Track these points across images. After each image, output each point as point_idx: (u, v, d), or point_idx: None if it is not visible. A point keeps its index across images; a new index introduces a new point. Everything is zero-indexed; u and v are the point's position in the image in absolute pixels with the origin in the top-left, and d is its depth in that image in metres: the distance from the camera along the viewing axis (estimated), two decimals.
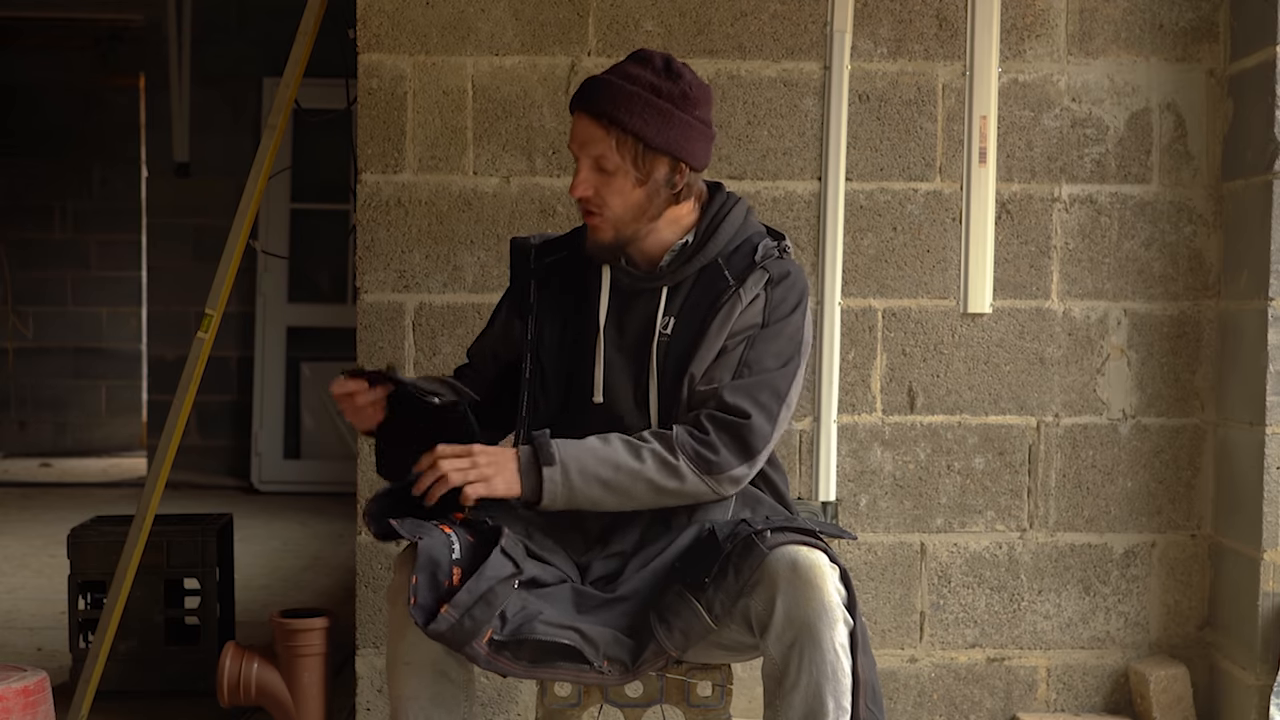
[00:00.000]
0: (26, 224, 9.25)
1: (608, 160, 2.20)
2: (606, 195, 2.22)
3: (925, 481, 3.23)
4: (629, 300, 2.29)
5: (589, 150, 2.21)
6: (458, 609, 2.00)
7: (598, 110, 2.19)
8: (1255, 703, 3.06)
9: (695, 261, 2.27)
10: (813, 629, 2.00)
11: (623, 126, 2.18)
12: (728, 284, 2.25)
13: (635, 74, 2.21)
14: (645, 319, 2.28)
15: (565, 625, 2.07)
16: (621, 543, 2.23)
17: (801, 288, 2.27)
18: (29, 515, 6.82)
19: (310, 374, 7.45)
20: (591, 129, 2.20)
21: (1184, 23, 3.21)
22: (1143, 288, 3.24)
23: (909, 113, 3.20)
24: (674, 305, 2.27)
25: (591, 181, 2.22)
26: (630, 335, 2.28)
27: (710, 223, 2.28)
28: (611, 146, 2.19)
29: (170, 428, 3.17)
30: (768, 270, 2.25)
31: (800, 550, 2.04)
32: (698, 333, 2.24)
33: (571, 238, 2.41)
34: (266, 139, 3.19)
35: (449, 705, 2.13)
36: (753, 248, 2.29)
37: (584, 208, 2.25)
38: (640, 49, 2.28)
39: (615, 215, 2.23)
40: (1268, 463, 3.04)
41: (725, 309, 2.23)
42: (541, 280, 2.35)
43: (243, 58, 7.44)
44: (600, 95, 2.20)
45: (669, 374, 2.25)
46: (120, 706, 3.48)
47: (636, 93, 2.19)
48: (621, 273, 2.29)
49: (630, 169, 2.20)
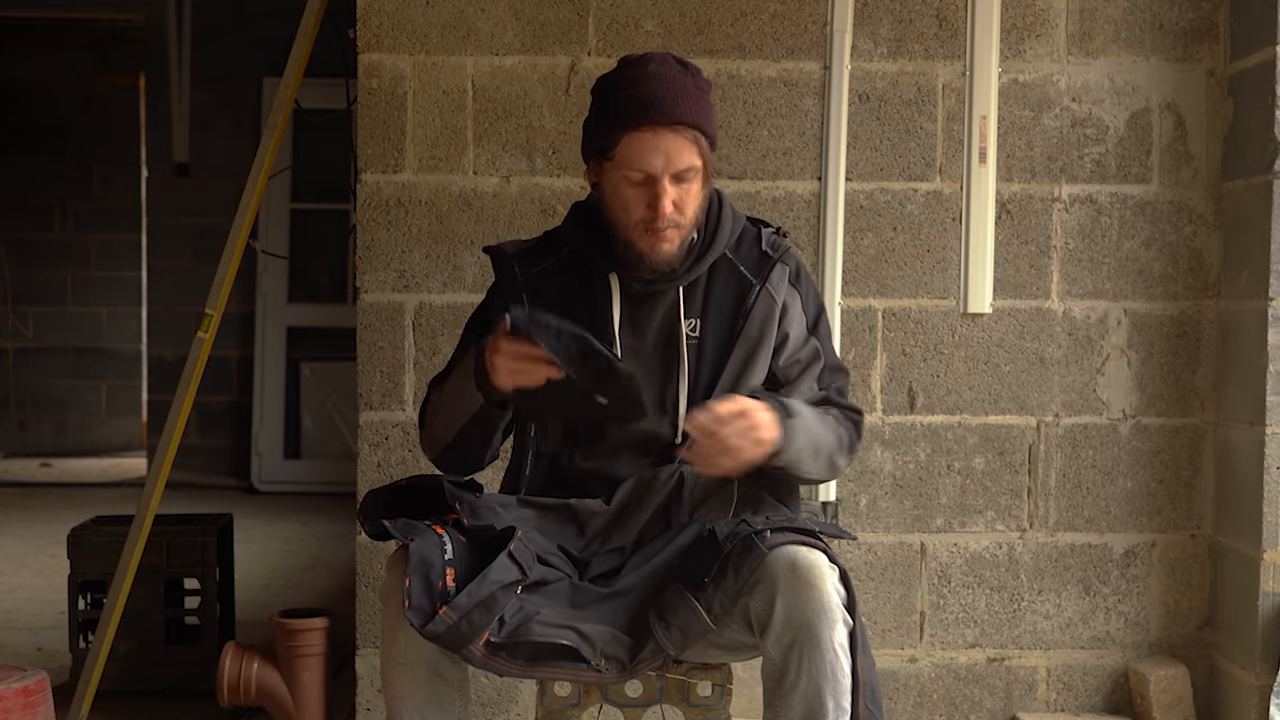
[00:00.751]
0: (26, 224, 9.26)
1: (693, 170, 2.16)
2: (685, 204, 2.17)
3: (925, 481, 3.23)
4: (639, 304, 2.26)
5: (677, 163, 2.14)
6: (457, 611, 1.99)
7: (682, 120, 2.13)
8: (1255, 703, 3.06)
9: (706, 259, 2.25)
10: (812, 629, 2.00)
11: (703, 130, 2.16)
12: (749, 281, 2.26)
13: (674, 77, 2.17)
14: (664, 322, 2.26)
15: (562, 625, 2.06)
16: (621, 539, 2.22)
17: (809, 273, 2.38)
18: (29, 515, 6.82)
19: (310, 374, 7.46)
20: (676, 141, 2.13)
21: (1184, 23, 3.21)
22: (1143, 288, 3.24)
23: (909, 113, 3.20)
24: (693, 306, 2.26)
25: (672, 195, 2.15)
26: (650, 340, 2.25)
27: (709, 217, 2.27)
28: (696, 153, 2.15)
29: (170, 428, 3.17)
30: (786, 264, 2.30)
31: (800, 550, 2.04)
32: (728, 333, 2.24)
33: (548, 244, 2.33)
34: (266, 139, 3.19)
35: (444, 705, 2.11)
36: (754, 238, 2.30)
37: (664, 224, 2.16)
38: (624, 54, 2.25)
39: (688, 222, 2.19)
40: (1268, 463, 3.04)
41: (758, 310, 2.25)
42: (533, 293, 2.27)
43: (243, 58, 7.44)
44: (679, 104, 2.14)
45: (696, 377, 2.24)
46: (120, 706, 3.48)
47: (697, 95, 2.17)
48: (631, 278, 2.24)
49: (704, 172, 2.18)
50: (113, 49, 9.14)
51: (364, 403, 3.17)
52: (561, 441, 2.28)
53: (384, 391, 3.15)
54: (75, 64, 9.19)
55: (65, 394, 9.46)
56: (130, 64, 8.97)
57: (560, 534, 2.23)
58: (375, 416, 3.16)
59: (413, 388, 3.16)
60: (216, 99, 7.54)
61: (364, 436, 3.17)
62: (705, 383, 2.24)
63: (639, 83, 2.15)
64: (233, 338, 7.45)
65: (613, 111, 2.17)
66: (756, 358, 2.26)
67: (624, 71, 2.20)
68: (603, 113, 2.20)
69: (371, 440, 3.17)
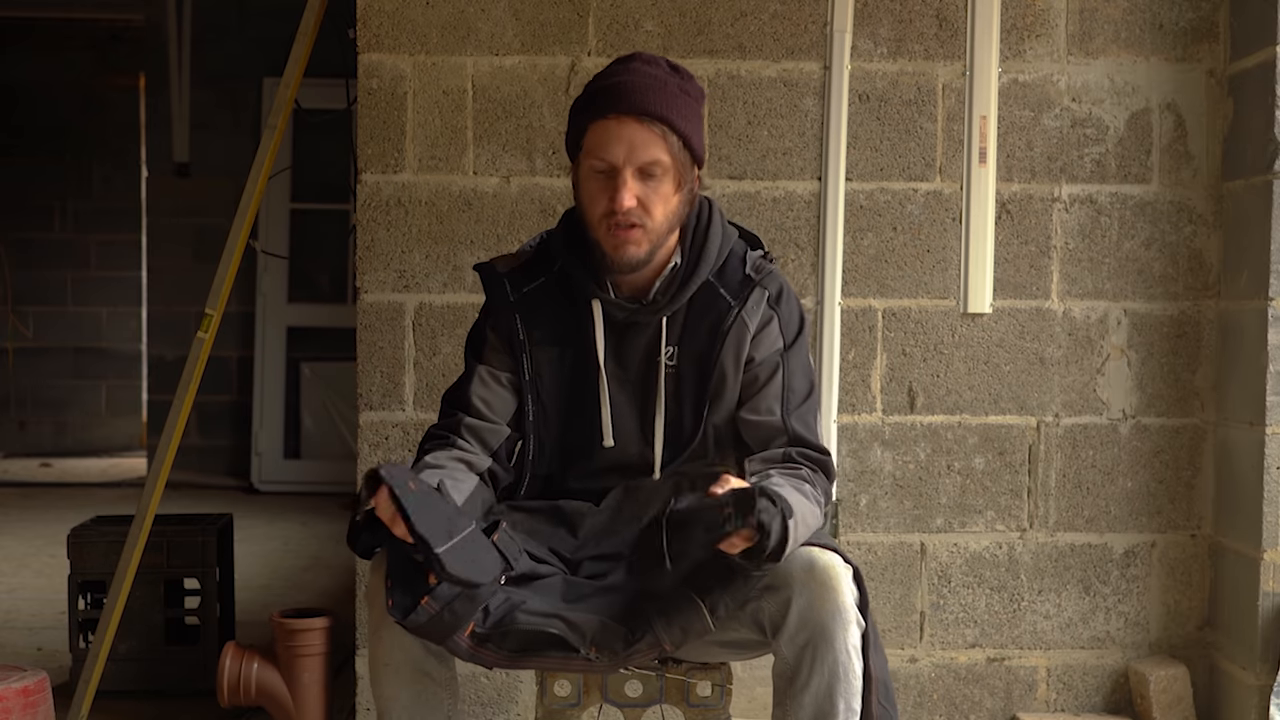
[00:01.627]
0: (26, 224, 9.26)
1: (658, 165, 2.09)
2: (650, 204, 2.10)
3: (925, 481, 3.23)
4: (623, 334, 2.22)
5: (638, 155, 2.08)
6: (439, 601, 1.97)
7: (648, 111, 2.08)
8: (1255, 703, 3.06)
9: (690, 285, 2.20)
10: (827, 630, 2.00)
11: (673, 126, 2.09)
12: (727, 304, 2.21)
13: (655, 73, 2.12)
14: (646, 351, 2.23)
15: (548, 614, 2.04)
16: (614, 545, 2.21)
17: (796, 296, 2.28)
18: (29, 515, 6.82)
19: (310, 374, 7.46)
20: (640, 132, 2.07)
21: (1184, 23, 3.21)
22: (1143, 288, 3.24)
23: (909, 113, 3.20)
24: (671, 334, 2.22)
25: (635, 190, 2.09)
26: (632, 370, 2.23)
27: (694, 240, 2.22)
28: (664, 148, 2.09)
29: (170, 428, 3.17)
30: (766, 287, 2.23)
31: (815, 552, 2.03)
32: (705, 361, 2.20)
33: (538, 262, 2.27)
34: (266, 139, 3.19)
35: (432, 704, 2.11)
36: (740, 259, 2.25)
37: (623, 220, 2.09)
38: (623, 54, 2.23)
39: (655, 226, 2.12)
40: (1268, 463, 3.04)
41: (733, 334, 2.20)
42: (525, 313, 2.23)
43: (243, 58, 7.44)
44: (648, 96, 2.08)
45: (676, 406, 2.22)
46: (120, 706, 3.48)
47: (675, 92, 2.11)
48: (613, 305, 2.20)
49: (674, 173, 2.11)
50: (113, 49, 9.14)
51: (364, 403, 3.17)
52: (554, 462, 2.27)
53: (384, 391, 3.15)
54: (75, 64, 9.19)
55: (65, 394, 9.46)
56: (130, 64, 8.97)
57: (552, 535, 2.22)
58: (375, 416, 3.16)
59: (413, 388, 3.16)
60: (216, 99, 7.54)
61: (364, 436, 3.18)
62: (688, 411, 2.21)
63: (616, 74, 2.14)
64: (233, 338, 7.45)
65: (585, 101, 2.16)
66: (731, 382, 2.22)
67: (610, 66, 2.19)
68: (578, 103, 2.18)
69: (371, 440, 3.17)
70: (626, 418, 2.23)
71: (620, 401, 2.23)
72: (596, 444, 2.23)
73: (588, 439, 2.24)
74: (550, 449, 2.26)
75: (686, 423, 2.22)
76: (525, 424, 2.24)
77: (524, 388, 2.23)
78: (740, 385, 2.23)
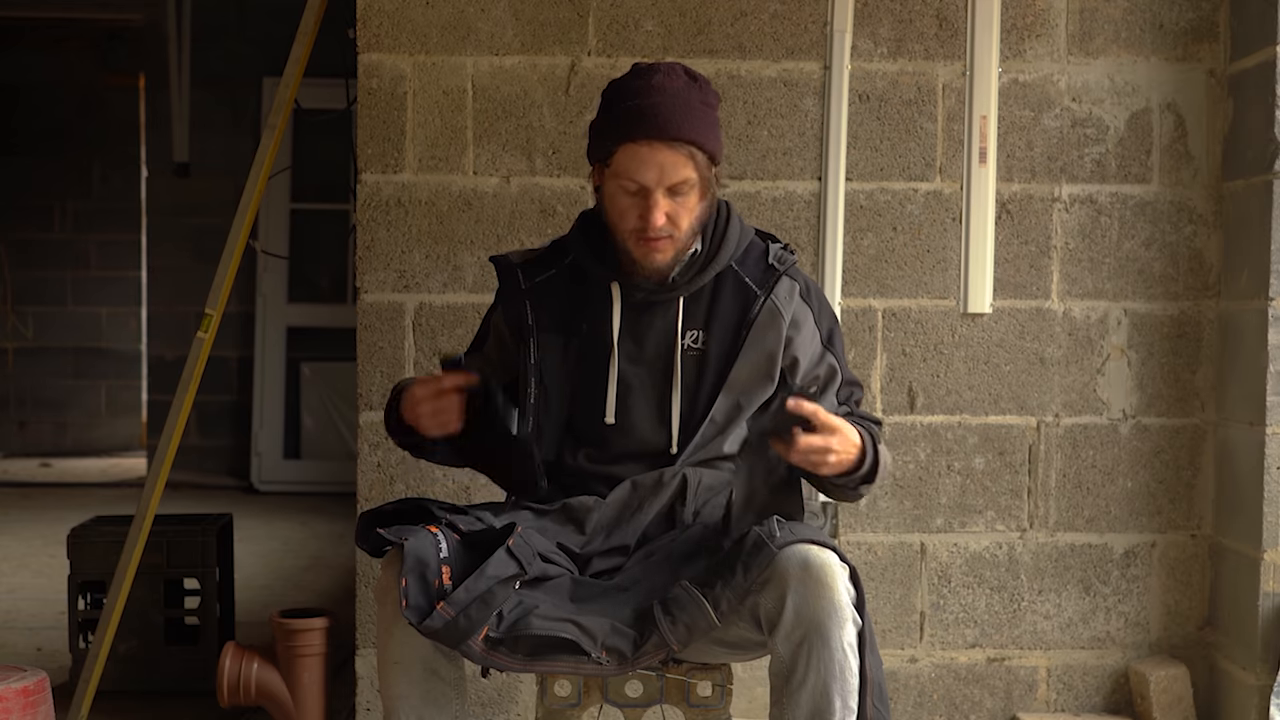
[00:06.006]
0: (26, 224, 9.26)
1: (686, 183, 2.17)
2: (679, 217, 2.18)
3: (925, 481, 3.23)
4: (641, 314, 2.27)
5: (670, 178, 2.15)
6: (454, 606, 1.99)
7: (680, 137, 2.14)
8: (1255, 703, 3.06)
9: (709, 270, 2.26)
10: (822, 628, 2.01)
11: (702, 147, 2.16)
12: (754, 293, 2.27)
13: (678, 89, 2.18)
14: (663, 332, 2.27)
15: (561, 618, 2.06)
16: (623, 538, 2.23)
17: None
18: (29, 515, 6.82)
19: (310, 374, 7.46)
20: (670, 155, 2.14)
21: (1184, 23, 3.21)
22: (1143, 288, 3.24)
23: (909, 113, 3.20)
24: (696, 317, 2.27)
25: (666, 207, 2.16)
26: (650, 350, 2.27)
27: (715, 229, 2.28)
28: (692, 167, 2.16)
29: (170, 428, 3.17)
30: (794, 279, 2.30)
31: (811, 549, 2.04)
32: (732, 345, 2.25)
33: (553, 253, 2.36)
34: (266, 139, 3.19)
35: (440, 703, 2.13)
36: (760, 252, 2.32)
37: (655, 234, 2.17)
38: (639, 63, 2.26)
39: (683, 235, 2.21)
40: (1268, 463, 3.04)
41: (760, 321, 2.25)
42: (535, 301, 2.30)
43: (243, 58, 7.44)
44: (676, 119, 2.15)
45: (698, 387, 2.25)
46: (120, 706, 3.48)
47: (698, 108, 2.18)
48: (633, 287, 2.26)
49: (700, 186, 2.19)
50: (112, 49, 9.13)
51: (364, 403, 3.17)
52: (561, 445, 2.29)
53: (384, 391, 3.15)
54: (75, 64, 9.19)
55: (65, 394, 9.46)
56: (130, 64, 8.96)
57: (560, 533, 2.24)
58: (375, 416, 3.15)
59: None
60: (216, 99, 7.54)
61: (364, 436, 3.18)
62: (707, 394, 2.25)
63: (642, 94, 2.17)
64: (233, 338, 7.45)
65: (613, 121, 2.20)
66: (761, 370, 2.27)
67: (631, 81, 2.22)
68: (605, 120, 2.22)
69: (371, 440, 3.17)
70: (640, 397, 2.26)
71: (634, 382, 2.26)
72: (600, 424, 2.26)
73: (591, 419, 2.27)
74: (550, 433, 2.28)
75: (700, 406, 2.26)
76: (526, 406, 2.27)
77: (529, 371, 2.27)
78: (792, 386, 2.26)
